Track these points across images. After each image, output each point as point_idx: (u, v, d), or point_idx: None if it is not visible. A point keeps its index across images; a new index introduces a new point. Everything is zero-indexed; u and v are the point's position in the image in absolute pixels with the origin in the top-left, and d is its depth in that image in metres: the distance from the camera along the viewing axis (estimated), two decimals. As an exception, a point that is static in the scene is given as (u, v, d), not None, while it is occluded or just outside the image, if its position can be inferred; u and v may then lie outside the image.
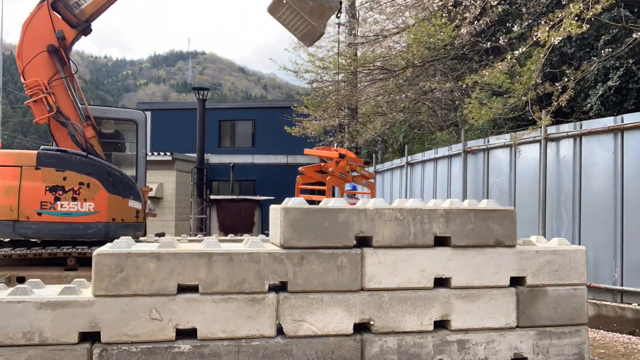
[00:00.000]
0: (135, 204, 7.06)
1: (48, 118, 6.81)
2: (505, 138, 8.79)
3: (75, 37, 7.09)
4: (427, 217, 3.20)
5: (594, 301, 6.74)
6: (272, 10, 7.95)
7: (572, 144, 7.44)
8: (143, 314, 2.84)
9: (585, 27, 6.62)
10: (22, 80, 6.83)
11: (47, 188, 6.43)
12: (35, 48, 6.77)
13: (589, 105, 9.37)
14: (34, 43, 6.78)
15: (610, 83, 9.04)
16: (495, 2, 10.58)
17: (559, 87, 7.61)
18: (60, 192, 6.45)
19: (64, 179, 6.48)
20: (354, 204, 3.27)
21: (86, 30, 7.16)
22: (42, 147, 6.77)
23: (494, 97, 9.32)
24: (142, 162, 7.85)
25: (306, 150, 10.60)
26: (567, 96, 7.40)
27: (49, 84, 6.77)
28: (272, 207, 3.28)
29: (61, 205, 6.45)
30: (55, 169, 6.47)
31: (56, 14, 6.94)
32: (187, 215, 19.01)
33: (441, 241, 3.26)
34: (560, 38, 7.07)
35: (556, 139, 7.67)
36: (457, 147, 10.23)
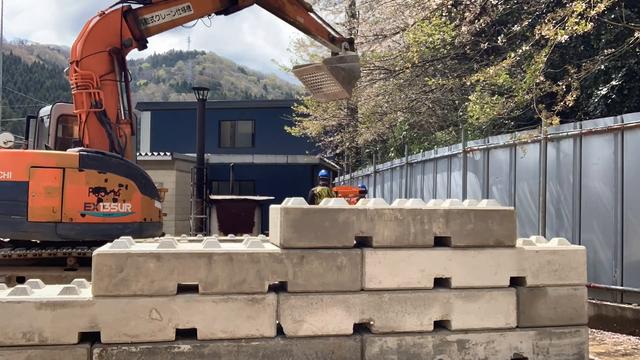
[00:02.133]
0: (158, 204, 7.21)
1: (88, 112, 6.95)
2: (505, 138, 8.79)
3: (132, 49, 7.46)
4: (427, 217, 3.20)
5: (594, 301, 6.73)
6: (301, 72, 8.18)
7: (572, 144, 7.43)
8: (143, 314, 2.84)
9: (590, 25, 6.61)
10: (74, 69, 7.03)
11: (90, 190, 6.45)
12: (97, 45, 7.05)
13: (592, 106, 9.35)
14: (98, 40, 7.07)
15: (614, 83, 9.01)
16: (496, 1, 10.57)
17: (563, 86, 7.59)
18: (103, 194, 6.49)
19: (105, 180, 6.52)
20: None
21: (143, 46, 7.54)
22: (78, 148, 6.74)
23: (496, 95, 9.29)
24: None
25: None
26: (574, 95, 7.37)
27: (100, 81, 7.00)
28: (272, 207, 3.28)
29: (103, 206, 6.51)
30: (97, 171, 6.50)
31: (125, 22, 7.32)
32: (187, 215, 18.98)
33: (441, 241, 3.25)
34: (567, 37, 7.05)
35: (556, 139, 7.66)
36: (457, 147, 10.22)
